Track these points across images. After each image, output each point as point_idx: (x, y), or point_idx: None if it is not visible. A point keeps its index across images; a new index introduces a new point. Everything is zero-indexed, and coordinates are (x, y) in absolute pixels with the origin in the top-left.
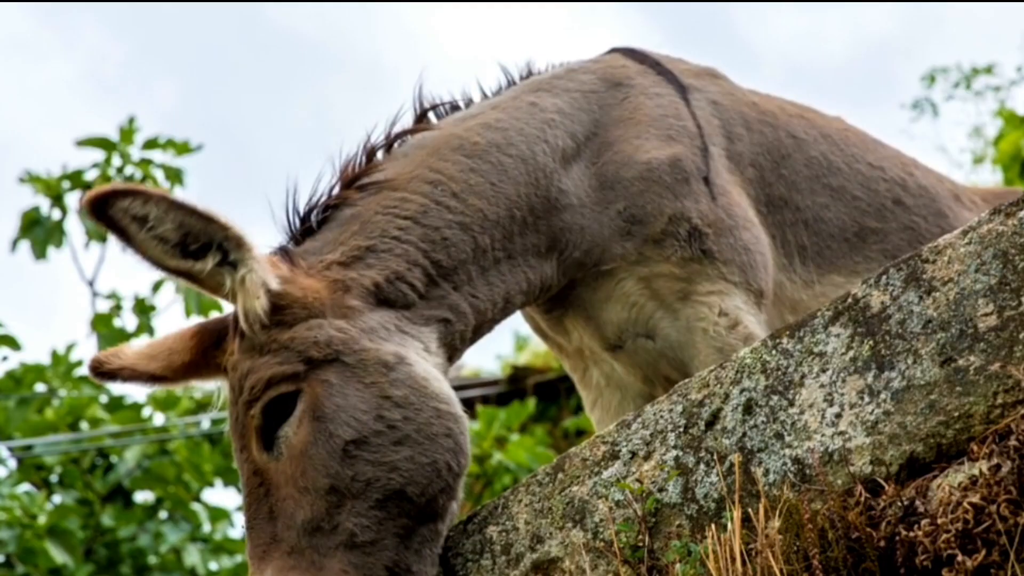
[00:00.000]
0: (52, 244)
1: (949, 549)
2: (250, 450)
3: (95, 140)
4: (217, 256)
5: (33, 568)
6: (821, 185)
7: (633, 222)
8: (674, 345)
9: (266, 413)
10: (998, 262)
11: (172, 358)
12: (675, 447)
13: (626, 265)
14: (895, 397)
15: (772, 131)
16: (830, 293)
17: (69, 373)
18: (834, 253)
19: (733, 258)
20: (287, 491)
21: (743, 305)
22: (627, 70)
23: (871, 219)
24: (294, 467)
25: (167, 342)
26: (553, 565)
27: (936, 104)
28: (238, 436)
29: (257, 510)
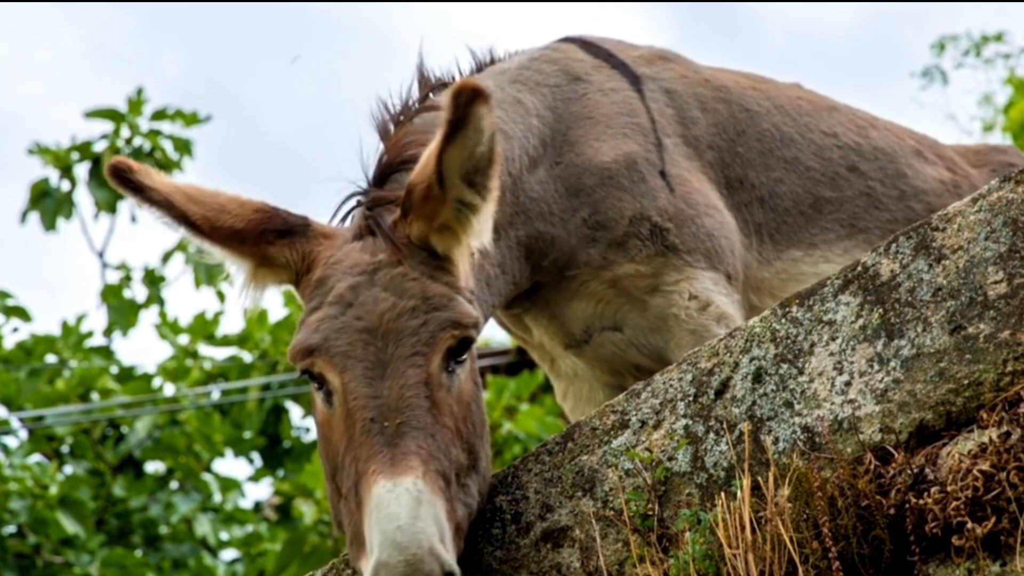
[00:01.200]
0: (61, 215)
1: (959, 516)
2: (431, 360)
3: (104, 111)
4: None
5: (44, 538)
6: (775, 159)
7: (597, 228)
8: (646, 332)
9: (458, 346)
10: (1008, 229)
11: (221, 215)
12: (685, 416)
13: (590, 269)
14: (905, 365)
15: (726, 107)
16: (790, 269)
17: (80, 344)
18: (791, 227)
19: (697, 247)
20: (448, 422)
21: (712, 287)
22: (584, 64)
23: (826, 189)
24: (461, 409)
25: (219, 198)
26: (563, 534)
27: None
28: (390, 329)
29: (415, 415)
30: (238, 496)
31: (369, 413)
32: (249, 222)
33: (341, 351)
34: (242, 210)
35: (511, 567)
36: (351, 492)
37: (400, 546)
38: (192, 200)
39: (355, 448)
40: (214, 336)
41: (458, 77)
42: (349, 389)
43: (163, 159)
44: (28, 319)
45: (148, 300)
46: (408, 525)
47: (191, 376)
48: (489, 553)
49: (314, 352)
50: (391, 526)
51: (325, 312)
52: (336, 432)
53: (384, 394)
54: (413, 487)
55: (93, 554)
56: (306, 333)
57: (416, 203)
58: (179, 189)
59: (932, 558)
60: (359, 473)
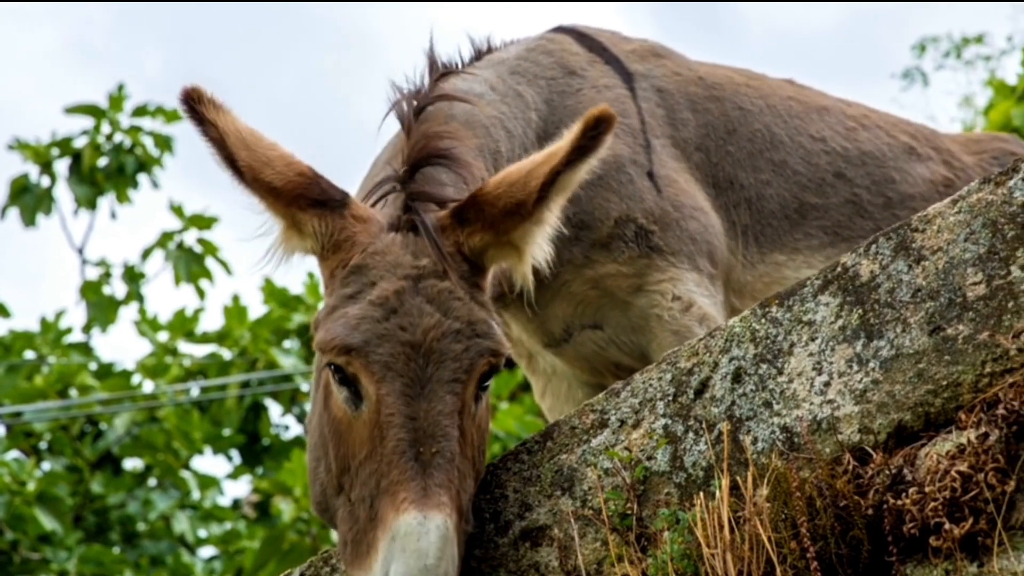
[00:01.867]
0: (41, 211)
1: (936, 517)
2: (467, 388)
3: (84, 107)
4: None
5: (22, 535)
6: (764, 160)
7: (581, 227)
8: (627, 330)
9: (489, 372)
10: (987, 231)
11: (264, 168)
12: (664, 415)
13: (572, 268)
14: (884, 366)
15: (719, 105)
16: (773, 273)
17: (58, 340)
18: (775, 231)
19: (681, 248)
20: (469, 453)
21: (696, 288)
22: (579, 59)
23: (811, 195)
24: (478, 437)
25: (271, 151)
26: (542, 533)
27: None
28: (428, 349)
29: (448, 445)
30: (216, 493)
31: (405, 434)
32: (288, 182)
33: (382, 361)
34: (286, 169)
35: (490, 566)
36: (364, 502)
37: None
38: (245, 145)
39: (381, 463)
40: (193, 333)
41: (461, 65)
42: (386, 403)
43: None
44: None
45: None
46: (435, 566)
47: (170, 373)
48: (468, 552)
49: (352, 352)
50: (419, 563)
51: (366, 311)
52: (357, 437)
53: (420, 417)
54: (444, 525)
55: (71, 551)
56: (345, 329)
57: (492, 215)
58: (237, 131)
59: (910, 559)
60: (382, 491)
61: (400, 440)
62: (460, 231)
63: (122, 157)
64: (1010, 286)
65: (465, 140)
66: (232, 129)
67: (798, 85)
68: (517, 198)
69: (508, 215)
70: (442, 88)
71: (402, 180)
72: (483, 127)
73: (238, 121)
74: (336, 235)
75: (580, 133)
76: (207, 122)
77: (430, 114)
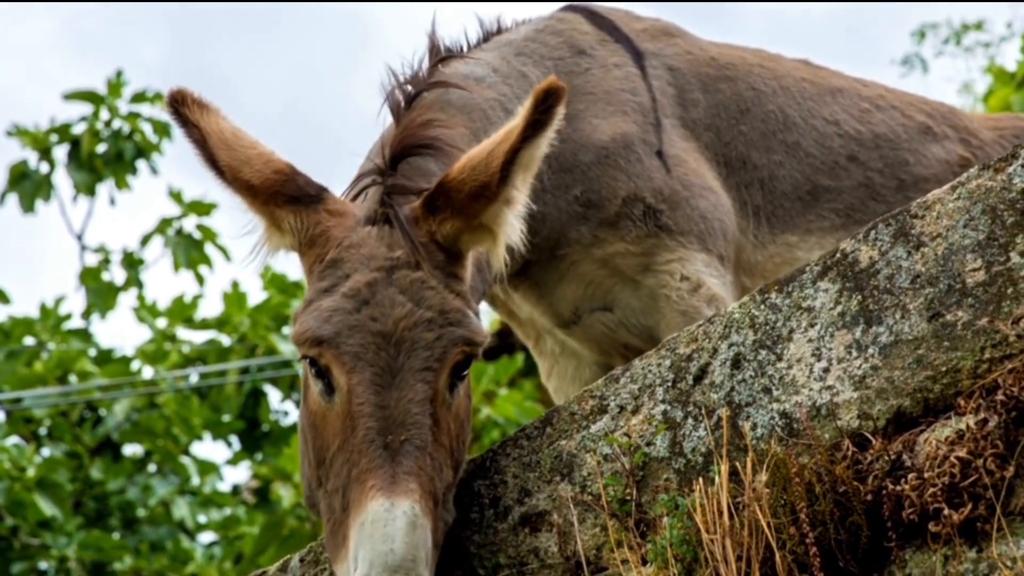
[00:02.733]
0: (40, 198)
1: (936, 503)
2: (439, 376)
3: (83, 94)
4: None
5: (22, 520)
6: (777, 141)
7: (589, 206)
8: (636, 312)
9: (464, 361)
10: (987, 217)
11: (243, 167)
12: (663, 401)
13: (581, 248)
14: (883, 352)
15: (731, 85)
16: (784, 254)
17: (58, 327)
18: (787, 212)
19: (690, 228)
20: (444, 440)
21: (704, 268)
22: (588, 38)
23: (824, 177)
24: (456, 427)
25: (250, 150)
26: (541, 518)
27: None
28: (404, 338)
29: (419, 433)
30: (216, 479)
31: (374, 423)
32: (265, 180)
33: (352, 351)
34: (264, 167)
35: (489, 551)
36: (337, 493)
37: (390, 569)
38: (226, 145)
39: (352, 453)
40: (192, 319)
41: (466, 47)
42: (356, 393)
43: (142, 141)
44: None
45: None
46: (400, 550)
47: (169, 359)
48: (467, 537)
49: (323, 344)
50: (384, 547)
51: (338, 303)
52: (331, 428)
53: (391, 405)
54: (410, 511)
55: (70, 536)
56: (316, 321)
57: (459, 201)
58: (219, 132)
59: (909, 544)
60: (352, 480)
61: (369, 429)
62: (432, 220)
63: (121, 143)
64: (1009, 272)
65: (456, 127)
66: (215, 130)
67: (813, 66)
68: (481, 180)
69: (475, 198)
70: (441, 73)
71: (383, 172)
72: (480, 111)
73: (223, 122)
74: (312, 230)
75: (532, 108)
76: (190, 124)
77: (423, 101)
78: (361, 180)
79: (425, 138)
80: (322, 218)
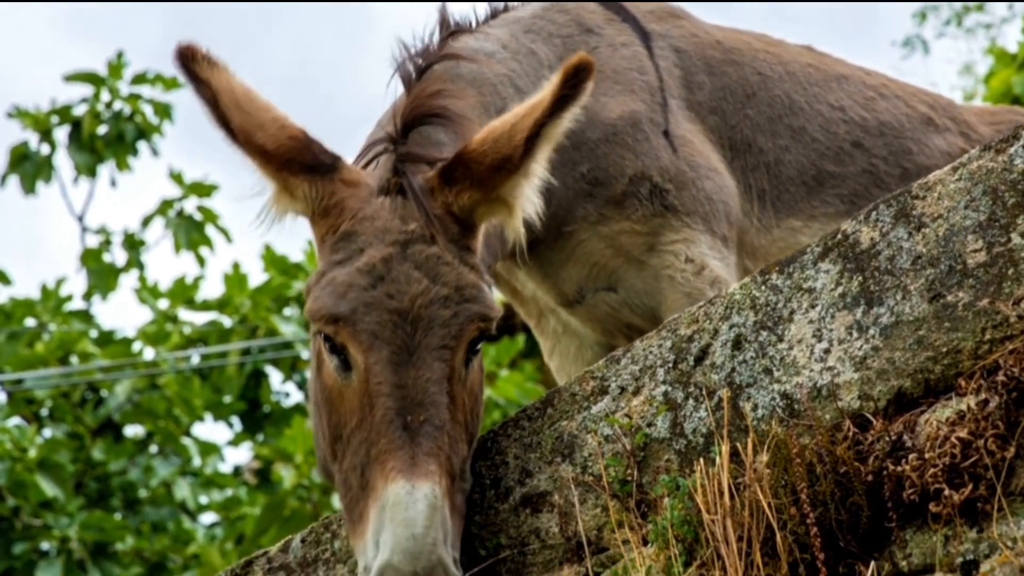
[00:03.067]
0: (41, 179)
1: (936, 483)
2: (456, 354)
3: (83, 75)
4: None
5: (24, 501)
6: (783, 126)
7: (595, 184)
8: (640, 293)
9: (479, 336)
10: (988, 198)
11: (257, 131)
12: (664, 382)
13: (587, 226)
14: (884, 333)
15: (737, 70)
16: (788, 239)
17: (59, 308)
18: (792, 197)
19: (696, 209)
20: (460, 417)
21: (708, 250)
22: (596, 17)
23: (829, 163)
24: (471, 402)
25: (264, 113)
26: (542, 499)
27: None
28: (420, 313)
29: (437, 413)
30: (217, 460)
31: (393, 403)
32: (280, 146)
33: (369, 330)
34: (279, 132)
35: (490, 532)
36: (355, 470)
37: (412, 555)
38: (238, 106)
39: (370, 432)
40: (194, 301)
41: (475, 23)
42: (374, 372)
43: (143, 123)
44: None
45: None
46: (422, 535)
47: (171, 340)
48: (468, 518)
49: (340, 322)
50: (406, 532)
51: (353, 278)
52: (347, 405)
53: (409, 384)
54: (431, 493)
55: (72, 517)
56: (332, 298)
57: (479, 172)
58: (231, 91)
59: (909, 524)
60: (372, 460)
61: (388, 409)
62: (448, 191)
63: (122, 125)
64: (1010, 253)
65: (467, 98)
66: (226, 88)
67: (817, 52)
68: (503, 153)
69: (495, 171)
70: (451, 47)
71: (395, 140)
72: (490, 85)
73: (233, 80)
74: (326, 200)
75: (561, 82)
76: (201, 81)
77: (434, 73)
78: (373, 148)
79: (436, 107)
80: (337, 188)
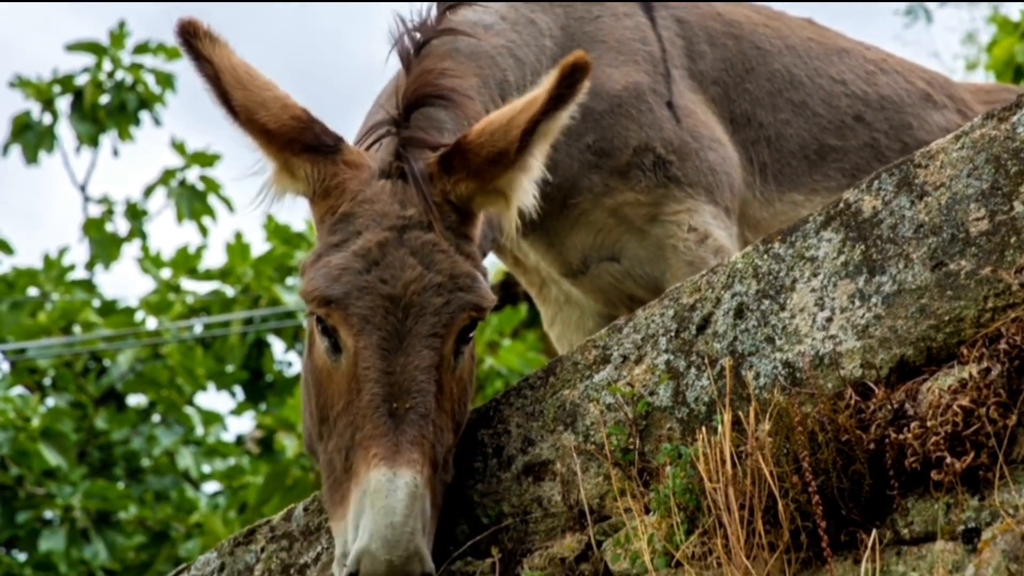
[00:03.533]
0: (43, 149)
1: (938, 451)
2: (445, 343)
3: (85, 44)
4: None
5: (27, 470)
6: (783, 100)
7: (601, 155)
8: (643, 262)
9: (471, 325)
10: (990, 167)
11: (259, 109)
12: (666, 351)
13: (592, 197)
14: (886, 301)
15: (736, 43)
16: (789, 212)
17: (62, 277)
18: (794, 171)
19: (699, 180)
20: (447, 406)
21: (712, 220)
22: None
23: (831, 136)
24: (459, 391)
25: (266, 91)
26: (544, 468)
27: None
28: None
29: (423, 400)
30: (220, 429)
31: (379, 389)
32: (282, 126)
33: (360, 314)
34: (281, 112)
35: (492, 500)
36: (340, 453)
37: (390, 543)
38: (240, 84)
39: (356, 416)
40: (196, 270)
41: None
42: (363, 357)
43: (145, 93)
44: (10, 252)
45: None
46: (401, 523)
47: (173, 310)
48: (470, 487)
49: (332, 304)
50: (385, 520)
51: (348, 261)
52: (335, 387)
53: (397, 371)
54: (412, 482)
55: (75, 486)
56: (326, 280)
57: (476, 164)
58: (233, 69)
59: (911, 492)
60: (356, 444)
61: (375, 395)
62: (447, 179)
63: (124, 94)
64: (1013, 221)
65: (467, 76)
66: (228, 66)
67: (817, 26)
68: (499, 147)
69: (492, 163)
70: (449, 20)
71: (397, 123)
72: (488, 58)
73: (234, 57)
74: (327, 181)
75: (557, 81)
76: (203, 58)
77: (433, 49)
78: (376, 130)
79: (438, 89)
80: (339, 169)
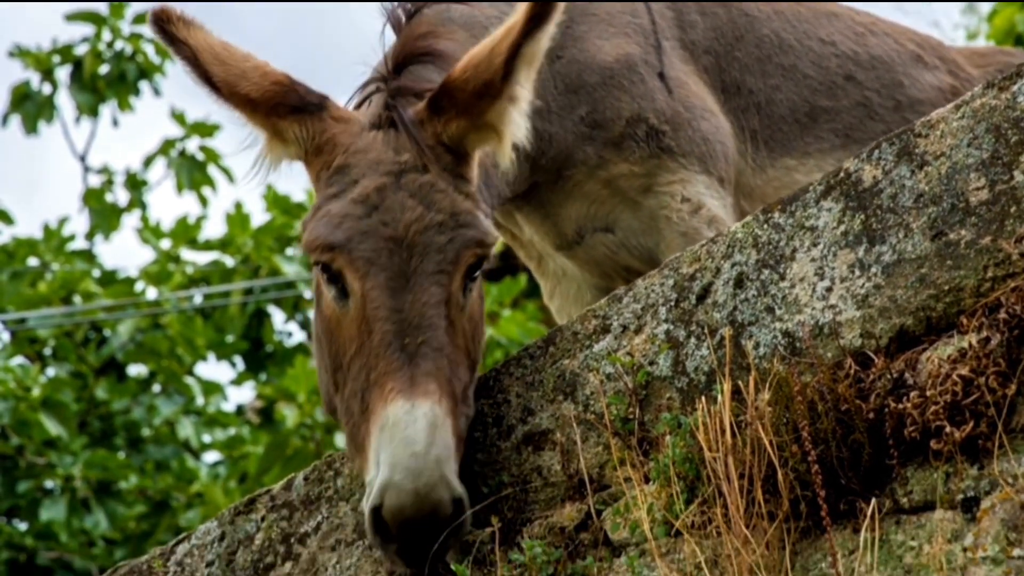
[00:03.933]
0: (43, 119)
1: (938, 421)
2: (453, 279)
3: (85, 15)
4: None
5: (27, 440)
6: (773, 65)
7: (594, 127)
8: (637, 233)
9: (476, 263)
10: (990, 136)
11: (240, 81)
12: (666, 321)
13: (586, 169)
14: (886, 271)
15: (725, 11)
16: (784, 178)
17: (62, 247)
18: (785, 135)
19: (692, 150)
20: (460, 342)
21: (705, 190)
22: None
23: (822, 98)
24: (471, 327)
25: (245, 63)
26: (544, 437)
27: None
28: (415, 241)
29: (435, 335)
30: (220, 399)
31: (390, 327)
32: (264, 92)
33: (365, 256)
34: (261, 79)
35: (492, 469)
36: (356, 396)
37: (414, 472)
38: (219, 60)
39: (369, 356)
40: (196, 240)
41: None
42: (371, 297)
43: (145, 63)
44: (10, 222)
45: (130, 204)
46: (423, 452)
47: (173, 280)
48: (470, 456)
49: (335, 249)
50: (407, 450)
51: (348, 208)
52: (346, 334)
53: (406, 308)
54: (431, 411)
55: (76, 455)
56: (327, 227)
57: (464, 100)
58: (210, 47)
59: (911, 462)
60: (371, 383)
61: (386, 332)
62: (437, 121)
63: (123, 64)
64: (1013, 191)
65: (456, 38)
66: (204, 45)
67: None
68: (484, 78)
69: (479, 97)
70: None
71: (386, 79)
72: (481, 26)
73: (210, 36)
74: (317, 138)
75: (533, 2)
76: (178, 41)
77: (424, 16)
78: (365, 88)
79: (427, 48)
80: (328, 125)
